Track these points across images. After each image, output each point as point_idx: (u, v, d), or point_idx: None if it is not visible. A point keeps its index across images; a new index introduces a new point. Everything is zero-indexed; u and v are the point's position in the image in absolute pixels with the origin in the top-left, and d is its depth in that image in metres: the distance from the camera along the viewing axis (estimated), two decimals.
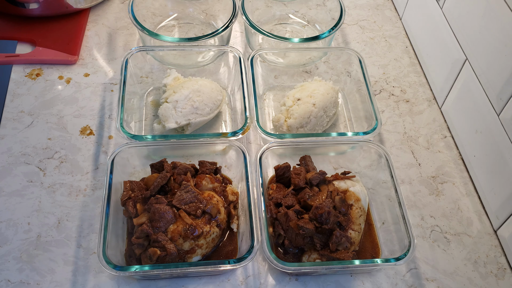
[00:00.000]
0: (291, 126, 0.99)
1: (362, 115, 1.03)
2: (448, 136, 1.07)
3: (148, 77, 1.09)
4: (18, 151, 0.97)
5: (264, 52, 1.10)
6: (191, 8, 1.25)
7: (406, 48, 1.25)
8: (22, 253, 0.84)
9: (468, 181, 1.00)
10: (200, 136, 0.94)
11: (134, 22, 1.07)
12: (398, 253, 0.81)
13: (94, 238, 0.87)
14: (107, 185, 0.83)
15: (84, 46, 1.18)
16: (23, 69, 1.12)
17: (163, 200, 0.82)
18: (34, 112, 1.04)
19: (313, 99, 0.99)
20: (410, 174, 1.00)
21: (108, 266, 0.74)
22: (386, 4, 1.36)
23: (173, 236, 0.79)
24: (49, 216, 0.89)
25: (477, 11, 0.94)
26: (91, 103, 1.07)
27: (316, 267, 0.81)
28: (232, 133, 0.92)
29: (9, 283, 0.81)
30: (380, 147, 0.93)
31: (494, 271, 0.88)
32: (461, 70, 1.02)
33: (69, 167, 0.96)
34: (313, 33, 1.24)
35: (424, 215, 0.95)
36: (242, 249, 0.84)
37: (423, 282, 0.86)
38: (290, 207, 0.85)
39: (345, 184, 0.89)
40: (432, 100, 1.14)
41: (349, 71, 1.10)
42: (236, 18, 1.10)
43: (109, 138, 1.02)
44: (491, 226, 0.94)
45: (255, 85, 0.99)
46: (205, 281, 0.83)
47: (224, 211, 0.85)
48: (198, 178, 0.88)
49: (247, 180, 0.86)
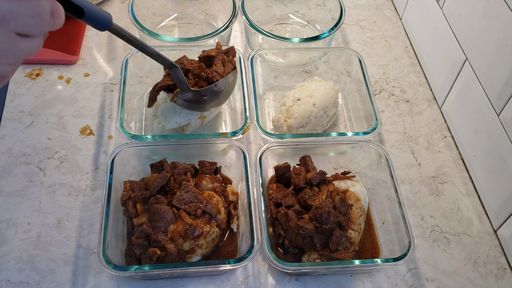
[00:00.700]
0: (291, 126, 0.99)
1: (362, 115, 1.03)
2: (448, 136, 1.07)
3: (148, 77, 1.09)
4: (18, 151, 0.97)
5: (264, 52, 1.10)
6: (191, 8, 1.25)
7: (406, 48, 1.25)
8: (22, 253, 0.84)
9: (468, 181, 1.00)
10: (200, 136, 0.94)
11: (134, 22, 1.07)
12: (398, 253, 0.81)
13: (94, 238, 0.87)
14: (107, 185, 0.83)
15: (84, 46, 1.18)
16: (23, 69, 1.12)
17: (163, 200, 0.82)
18: (34, 112, 1.04)
19: (313, 99, 0.99)
20: (410, 174, 1.00)
21: (108, 266, 0.74)
22: (386, 4, 1.36)
23: (173, 236, 0.79)
24: (49, 216, 0.89)
25: (477, 11, 0.94)
26: (91, 103, 1.07)
27: (316, 267, 0.81)
28: (232, 133, 0.92)
29: (9, 283, 0.81)
30: (380, 147, 0.93)
31: (494, 271, 0.88)
32: (461, 70, 1.02)
33: (69, 167, 0.96)
34: (313, 33, 1.24)
35: (424, 215, 0.95)
36: (242, 249, 0.84)
37: (423, 282, 0.86)
38: (290, 207, 0.85)
39: (345, 184, 0.89)
40: (432, 100, 1.14)
41: (349, 71, 1.10)
42: (236, 18, 1.10)
43: (109, 138, 1.02)
44: (491, 226, 0.94)
45: (255, 85, 0.99)
46: (205, 281, 0.83)
47: (224, 211, 0.85)
48: (198, 178, 0.88)
49: (247, 180, 0.86)
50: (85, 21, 0.66)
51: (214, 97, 0.91)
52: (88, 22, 0.66)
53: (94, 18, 0.66)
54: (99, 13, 0.67)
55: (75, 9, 0.63)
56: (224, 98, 0.95)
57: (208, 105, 0.94)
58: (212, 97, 0.91)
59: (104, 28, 0.69)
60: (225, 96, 0.94)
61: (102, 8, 0.67)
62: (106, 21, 0.68)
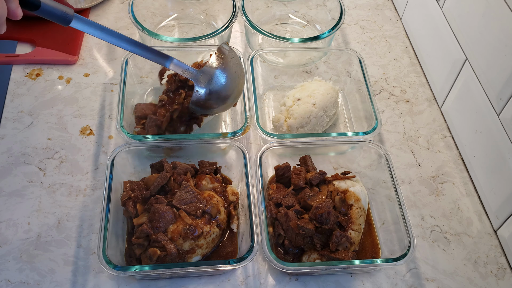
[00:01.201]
0: (291, 126, 0.99)
1: (362, 115, 1.03)
2: (448, 136, 1.07)
3: (148, 77, 1.09)
4: (18, 151, 0.97)
5: (264, 52, 1.10)
6: (191, 8, 1.25)
7: (406, 48, 1.25)
8: (22, 253, 0.84)
9: (468, 181, 1.00)
10: (200, 136, 0.94)
11: (134, 22, 1.07)
12: (398, 253, 0.81)
13: (94, 238, 0.87)
14: (107, 185, 0.83)
15: (84, 46, 1.18)
16: (23, 69, 1.12)
17: (163, 200, 0.82)
18: (34, 112, 1.04)
19: (313, 99, 0.99)
20: (410, 174, 1.00)
21: (108, 266, 0.74)
22: (386, 4, 1.36)
23: (173, 236, 0.79)
24: (49, 216, 0.89)
25: (477, 11, 0.94)
26: (91, 103, 1.07)
27: (316, 267, 0.81)
28: (232, 133, 0.92)
29: (9, 283, 0.81)
30: (380, 147, 0.93)
31: (494, 271, 0.88)
32: (461, 70, 1.02)
33: (69, 167, 0.96)
34: (313, 33, 1.24)
35: (424, 215, 0.95)
36: (242, 249, 0.84)
37: (423, 282, 0.86)
38: (290, 207, 0.85)
39: (345, 184, 0.89)
40: (432, 100, 1.14)
41: (349, 71, 1.10)
42: (236, 18, 1.10)
43: (109, 138, 1.02)
44: (491, 226, 0.94)
45: (255, 85, 0.99)
46: (205, 281, 0.83)
47: (224, 211, 0.85)
48: (198, 178, 0.88)
49: (247, 180, 0.86)
50: (42, 13, 0.67)
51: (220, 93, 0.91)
52: (45, 15, 0.67)
53: (49, 11, 0.67)
54: (57, 6, 0.68)
55: (31, 1, 0.65)
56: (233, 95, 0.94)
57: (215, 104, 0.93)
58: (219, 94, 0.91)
59: (65, 22, 0.70)
60: (233, 93, 0.93)
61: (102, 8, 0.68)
62: (65, 15, 0.69)
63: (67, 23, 0.72)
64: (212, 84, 0.89)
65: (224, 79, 0.89)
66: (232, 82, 0.91)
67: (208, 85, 0.89)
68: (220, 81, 0.89)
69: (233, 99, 0.94)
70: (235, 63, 0.93)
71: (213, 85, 0.89)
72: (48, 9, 0.68)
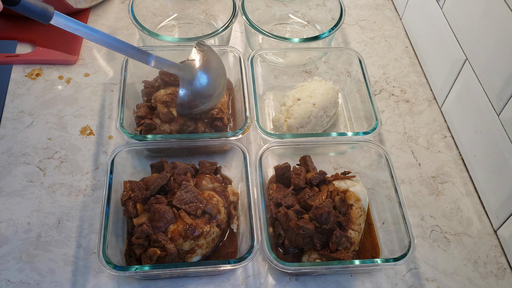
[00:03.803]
0: (291, 126, 0.99)
1: (362, 115, 1.03)
2: (448, 136, 1.07)
3: (148, 77, 1.09)
4: (18, 151, 0.97)
5: (264, 52, 1.10)
6: (191, 8, 1.25)
7: (406, 48, 1.25)
8: (22, 253, 0.84)
9: (468, 181, 1.00)
10: (200, 136, 0.94)
11: (134, 22, 1.07)
12: (398, 253, 0.81)
13: (94, 238, 0.87)
14: (107, 185, 0.83)
15: (84, 46, 1.18)
16: (23, 69, 1.12)
17: (163, 200, 0.82)
18: (34, 112, 1.04)
19: (313, 99, 0.99)
20: (410, 174, 1.00)
21: (108, 266, 0.74)
22: (386, 4, 1.36)
23: (173, 236, 0.79)
24: (49, 216, 0.89)
25: (477, 11, 0.94)
26: (91, 103, 1.07)
27: (316, 267, 0.81)
28: (232, 133, 0.92)
29: (9, 283, 0.81)
30: (380, 147, 0.93)
31: (494, 271, 0.88)
32: (461, 70, 1.02)
33: (69, 167, 0.96)
34: (313, 33, 1.24)
35: (424, 215, 0.95)
36: (242, 249, 0.84)
37: (423, 282, 0.86)
38: (290, 207, 0.85)
39: (345, 184, 0.89)
40: (432, 100, 1.14)
41: (349, 71, 1.10)
42: (236, 18, 1.10)
43: (109, 138, 1.02)
44: (491, 226, 0.94)
45: (255, 85, 0.99)
46: (205, 281, 0.83)
47: (224, 211, 0.85)
48: (198, 178, 0.88)
49: (247, 180, 0.86)
50: (21, 10, 0.66)
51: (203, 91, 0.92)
52: (24, 12, 0.67)
53: (28, 8, 0.66)
54: (36, 3, 0.67)
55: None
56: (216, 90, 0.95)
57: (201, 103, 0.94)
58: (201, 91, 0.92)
59: (46, 19, 0.69)
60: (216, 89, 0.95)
61: (102, 8, 0.68)
62: (45, 11, 0.68)
63: (48, 20, 0.70)
64: (194, 80, 0.90)
65: (205, 72, 0.91)
66: (212, 72, 0.92)
67: (191, 82, 0.90)
68: (202, 73, 0.91)
69: (216, 90, 0.95)
70: (214, 56, 0.94)
71: (195, 81, 0.90)
72: (27, 5, 0.66)
